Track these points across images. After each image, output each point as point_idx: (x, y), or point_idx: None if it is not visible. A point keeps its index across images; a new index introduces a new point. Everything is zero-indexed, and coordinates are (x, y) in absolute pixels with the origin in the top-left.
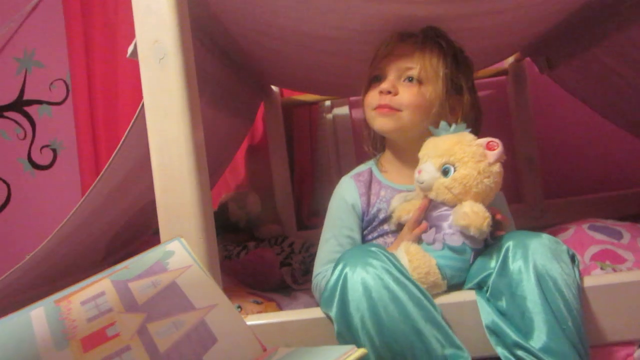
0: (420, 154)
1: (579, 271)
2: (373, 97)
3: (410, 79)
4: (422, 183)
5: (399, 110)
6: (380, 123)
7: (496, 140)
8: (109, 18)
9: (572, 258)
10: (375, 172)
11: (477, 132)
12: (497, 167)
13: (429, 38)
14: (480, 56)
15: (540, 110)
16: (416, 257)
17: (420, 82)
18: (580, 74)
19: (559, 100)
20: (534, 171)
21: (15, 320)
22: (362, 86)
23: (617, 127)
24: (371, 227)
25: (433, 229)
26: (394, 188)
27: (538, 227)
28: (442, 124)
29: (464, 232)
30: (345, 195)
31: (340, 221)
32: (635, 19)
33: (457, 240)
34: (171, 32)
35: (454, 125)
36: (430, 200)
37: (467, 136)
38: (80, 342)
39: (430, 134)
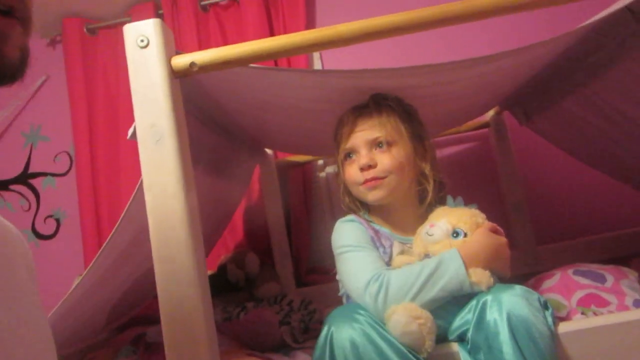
0: (432, 216)
1: (553, 317)
2: (356, 174)
3: (380, 145)
4: (431, 235)
5: (384, 177)
6: (374, 195)
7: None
8: (111, 95)
9: (545, 305)
10: (371, 221)
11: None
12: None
13: (379, 104)
14: (461, 113)
15: (525, 157)
16: (417, 313)
17: (389, 144)
18: (554, 124)
19: (543, 147)
20: (524, 218)
21: None
22: (337, 162)
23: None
24: None
25: None
26: (393, 236)
27: (532, 273)
28: (449, 199)
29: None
30: (360, 227)
31: (364, 240)
32: (598, 72)
33: None
34: (167, 117)
35: (458, 198)
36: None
37: (479, 214)
38: None
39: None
